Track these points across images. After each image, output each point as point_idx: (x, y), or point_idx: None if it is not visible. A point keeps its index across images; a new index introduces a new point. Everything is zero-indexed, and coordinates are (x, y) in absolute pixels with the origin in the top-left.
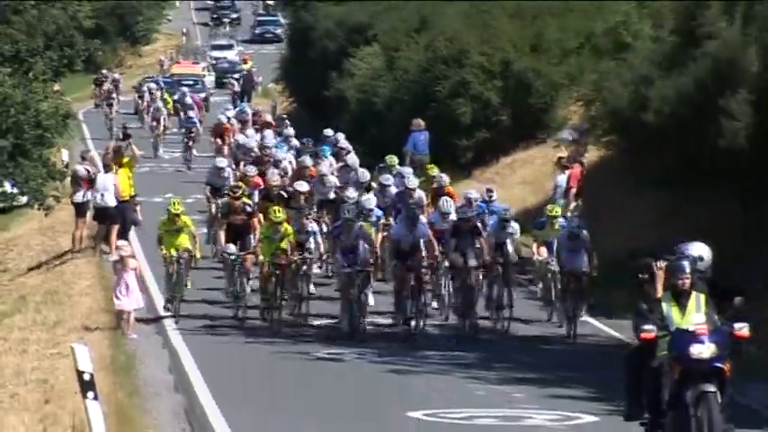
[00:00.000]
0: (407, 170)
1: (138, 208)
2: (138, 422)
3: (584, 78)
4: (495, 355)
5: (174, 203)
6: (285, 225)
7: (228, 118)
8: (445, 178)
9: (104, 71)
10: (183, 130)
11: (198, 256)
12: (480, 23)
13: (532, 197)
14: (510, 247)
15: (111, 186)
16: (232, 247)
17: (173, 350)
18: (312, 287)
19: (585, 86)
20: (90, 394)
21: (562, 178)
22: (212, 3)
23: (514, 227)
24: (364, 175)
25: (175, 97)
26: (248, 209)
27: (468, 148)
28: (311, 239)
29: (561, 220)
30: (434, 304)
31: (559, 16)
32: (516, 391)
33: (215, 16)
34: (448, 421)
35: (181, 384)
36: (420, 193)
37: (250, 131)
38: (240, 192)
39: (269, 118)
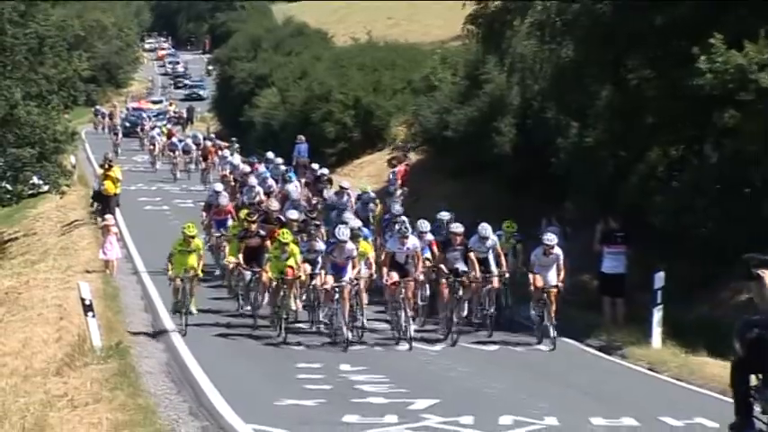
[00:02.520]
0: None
1: (118, 200)
2: (121, 331)
3: (407, 109)
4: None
5: (189, 227)
6: (291, 246)
7: (212, 142)
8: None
9: (98, 107)
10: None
11: (200, 274)
12: (340, 73)
13: (375, 185)
14: (493, 261)
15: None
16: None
17: (144, 285)
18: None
19: (407, 114)
20: (90, 314)
21: (392, 174)
22: (170, 68)
23: (494, 239)
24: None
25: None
26: (262, 232)
27: (332, 155)
28: (320, 258)
29: (516, 235)
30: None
31: (391, 68)
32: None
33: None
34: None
35: (149, 306)
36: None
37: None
38: (255, 217)
39: (209, 144)
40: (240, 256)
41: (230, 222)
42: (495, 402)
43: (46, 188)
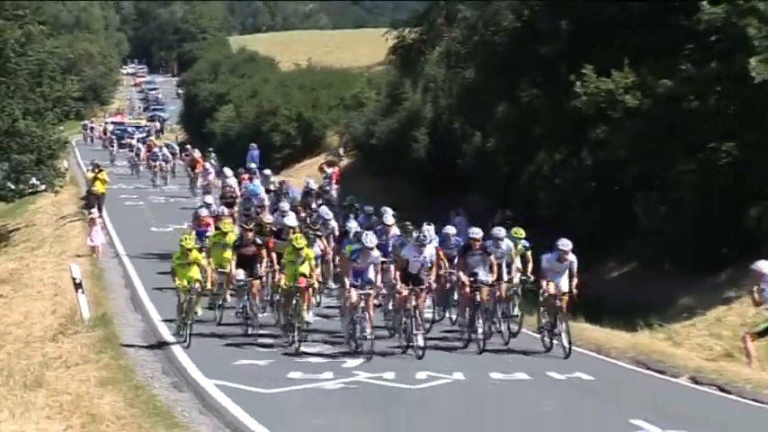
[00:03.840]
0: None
1: (104, 198)
2: (107, 305)
3: (340, 121)
4: None
5: (185, 239)
6: (306, 250)
7: (203, 154)
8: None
9: (86, 121)
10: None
11: (208, 285)
12: (284, 93)
13: (314, 185)
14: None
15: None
16: (242, 274)
17: (124, 267)
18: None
19: (340, 126)
20: (80, 290)
21: (326, 174)
22: (147, 92)
23: (509, 245)
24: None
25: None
26: (258, 241)
27: (279, 159)
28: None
29: (524, 241)
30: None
31: (326, 88)
32: None
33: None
34: None
35: (129, 284)
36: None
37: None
38: (252, 226)
39: (196, 154)
40: (234, 263)
41: (209, 233)
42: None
43: (43, 187)
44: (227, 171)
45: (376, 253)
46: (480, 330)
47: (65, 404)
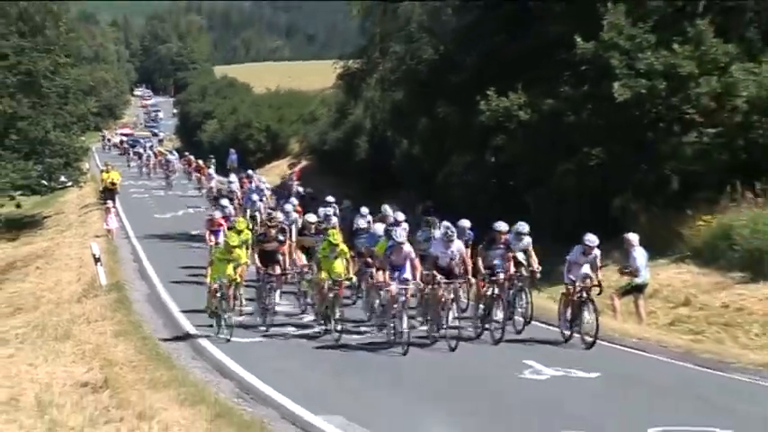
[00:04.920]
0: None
1: (119, 191)
2: (119, 274)
3: (300, 132)
4: None
5: (232, 237)
6: (341, 245)
7: (205, 161)
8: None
9: (104, 132)
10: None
11: (238, 279)
12: (257, 110)
13: (278, 180)
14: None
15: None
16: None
17: (133, 245)
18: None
19: (300, 135)
20: (98, 263)
21: (291, 173)
22: (153, 113)
23: (529, 239)
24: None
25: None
26: (281, 237)
27: (253, 161)
28: None
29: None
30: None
31: (289, 107)
32: None
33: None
34: None
35: (137, 259)
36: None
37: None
38: (275, 222)
39: (201, 163)
40: (257, 258)
41: (222, 234)
42: None
43: (69, 184)
44: (233, 176)
45: (408, 248)
46: (498, 321)
47: (87, 351)
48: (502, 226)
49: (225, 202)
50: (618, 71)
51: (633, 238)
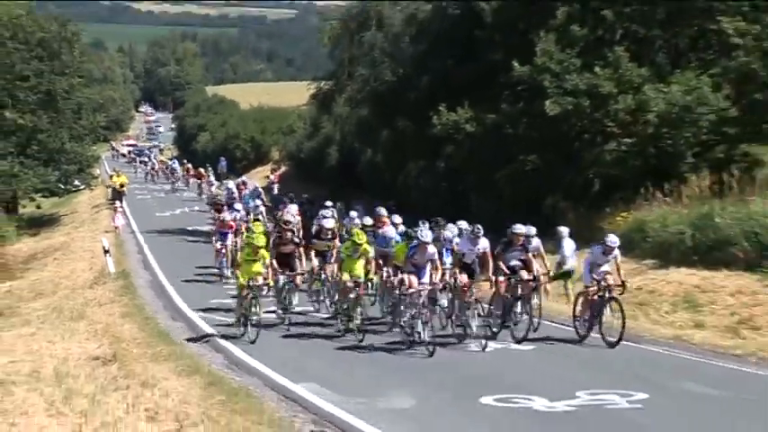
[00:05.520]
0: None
1: (126, 193)
2: (125, 264)
3: (279, 142)
4: None
5: (257, 237)
6: (364, 245)
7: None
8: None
9: (112, 143)
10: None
11: (271, 283)
12: (244, 124)
13: (262, 183)
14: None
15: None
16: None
17: (137, 239)
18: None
19: (280, 145)
20: (107, 255)
21: (272, 177)
22: (154, 128)
23: (539, 241)
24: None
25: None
26: (296, 240)
27: (240, 167)
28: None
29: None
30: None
31: (270, 121)
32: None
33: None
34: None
35: (141, 251)
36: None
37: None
38: (290, 226)
39: (202, 171)
40: (274, 261)
41: (230, 235)
42: None
43: (83, 187)
44: (231, 183)
45: (432, 248)
46: (520, 321)
47: (98, 330)
48: (520, 228)
49: (238, 206)
50: (549, 90)
51: (563, 230)
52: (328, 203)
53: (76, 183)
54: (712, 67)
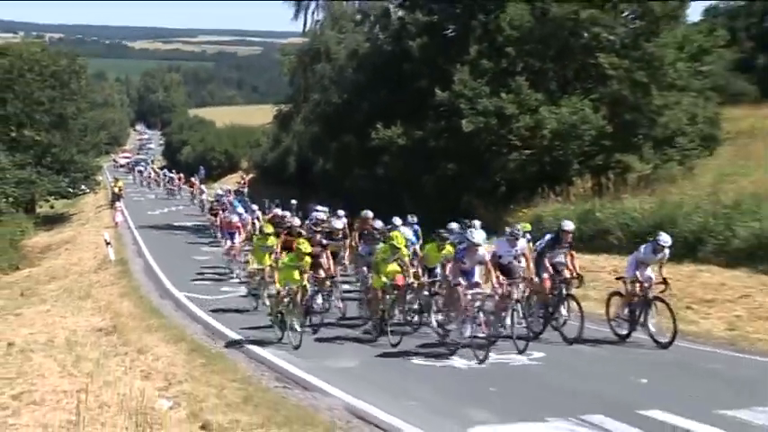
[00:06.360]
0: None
1: (123, 195)
2: (123, 253)
3: (248, 153)
4: None
5: (303, 243)
6: (403, 249)
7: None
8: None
9: (113, 155)
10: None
11: (307, 286)
12: (219, 139)
13: (234, 187)
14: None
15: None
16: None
17: (133, 233)
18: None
19: (247, 156)
20: (108, 246)
21: (243, 182)
22: (146, 145)
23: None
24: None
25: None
26: (324, 242)
27: (215, 174)
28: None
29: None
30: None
31: (240, 137)
32: None
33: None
34: None
35: (135, 242)
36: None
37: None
38: (320, 229)
39: (193, 180)
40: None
41: (237, 236)
42: None
43: (88, 191)
44: (219, 190)
45: (483, 250)
46: (566, 320)
47: (101, 307)
48: (569, 225)
49: (241, 209)
50: (464, 111)
51: (476, 223)
52: (319, 207)
53: (83, 188)
54: (592, 93)
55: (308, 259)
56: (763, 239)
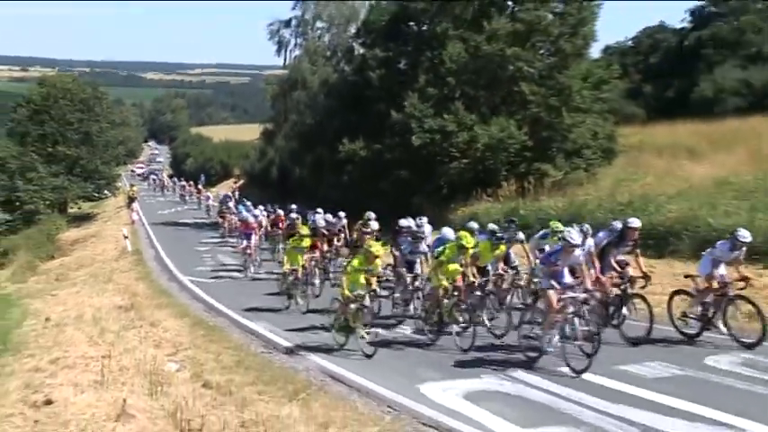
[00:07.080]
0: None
1: (138, 198)
2: (138, 245)
3: (239, 163)
4: None
5: (374, 245)
6: (471, 250)
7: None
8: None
9: (130, 166)
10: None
11: (378, 291)
12: (215, 152)
13: (228, 191)
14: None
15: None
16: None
17: (146, 229)
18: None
19: (239, 165)
20: (126, 239)
21: (236, 187)
22: (155, 159)
23: (592, 241)
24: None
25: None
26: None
27: (213, 181)
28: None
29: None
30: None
31: (233, 150)
32: None
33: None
34: None
35: (148, 236)
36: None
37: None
38: (369, 228)
39: (201, 187)
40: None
41: (254, 236)
42: None
43: (110, 195)
44: (223, 195)
45: (578, 252)
46: (625, 319)
47: (121, 288)
48: (635, 222)
49: (257, 211)
50: (414, 129)
51: (425, 219)
52: (320, 210)
53: (105, 192)
54: (516, 114)
55: (378, 263)
56: (652, 231)
